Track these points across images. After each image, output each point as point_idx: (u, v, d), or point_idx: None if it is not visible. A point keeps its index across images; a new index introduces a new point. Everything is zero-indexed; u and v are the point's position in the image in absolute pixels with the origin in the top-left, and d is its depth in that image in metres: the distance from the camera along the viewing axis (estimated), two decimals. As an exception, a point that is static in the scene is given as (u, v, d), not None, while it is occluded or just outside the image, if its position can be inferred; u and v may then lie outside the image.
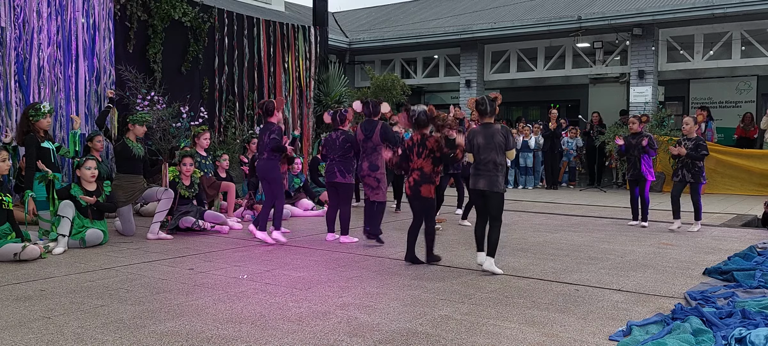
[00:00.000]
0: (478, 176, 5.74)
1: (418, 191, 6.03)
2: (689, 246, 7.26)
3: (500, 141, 5.66)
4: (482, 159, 5.71)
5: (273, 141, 7.18)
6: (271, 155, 7.28)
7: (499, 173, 5.69)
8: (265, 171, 7.33)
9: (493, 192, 5.68)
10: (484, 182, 5.69)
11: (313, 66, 15.50)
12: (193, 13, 12.40)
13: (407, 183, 6.18)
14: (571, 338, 3.90)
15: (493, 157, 5.66)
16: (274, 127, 7.27)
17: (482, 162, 5.71)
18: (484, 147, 5.69)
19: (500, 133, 5.69)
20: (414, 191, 6.06)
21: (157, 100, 9.56)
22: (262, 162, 7.34)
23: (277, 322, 4.14)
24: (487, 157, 5.68)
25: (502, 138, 5.67)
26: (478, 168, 5.74)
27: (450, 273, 5.74)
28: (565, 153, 15.84)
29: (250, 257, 6.43)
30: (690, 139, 8.37)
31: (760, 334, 3.65)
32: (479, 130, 5.80)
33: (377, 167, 7.29)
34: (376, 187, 7.32)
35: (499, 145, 5.66)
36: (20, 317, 4.20)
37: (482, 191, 5.73)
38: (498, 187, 5.67)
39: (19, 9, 9.76)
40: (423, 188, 6.01)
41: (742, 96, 17.48)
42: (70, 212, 6.73)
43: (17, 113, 9.48)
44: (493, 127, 5.74)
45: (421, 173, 6.01)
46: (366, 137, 7.33)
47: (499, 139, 5.66)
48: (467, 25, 17.50)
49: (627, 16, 15.06)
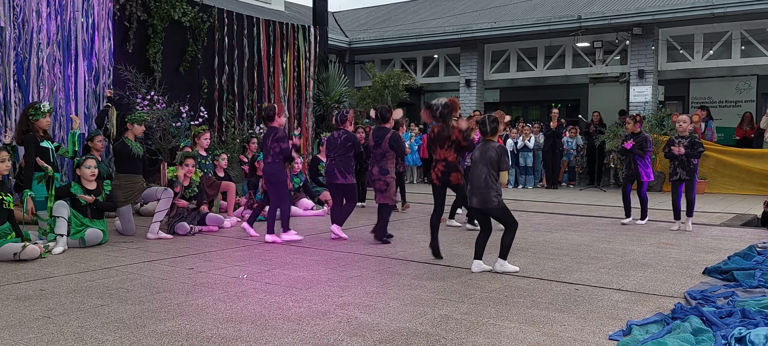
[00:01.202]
0: (472, 193, 5.84)
1: (448, 180, 6.36)
2: (689, 246, 7.26)
3: (492, 157, 5.67)
4: (474, 173, 5.78)
5: (284, 151, 7.30)
6: (277, 158, 7.35)
7: (490, 188, 5.68)
8: (271, 174, 7.39)
9: (487, 209, 5.75)
10: (477, 199, 5.78)
11: (312, 66, 15.51)
12: (193, 13, 12.40)
13: (434, 174, 6.44)
14: (571, 338, 3.90)
15: (485, 173, 5.69)
16: (279, 133, 7.34)
17: (474, 177, 5.77)
18: (478, 160, 5.76)
19: (495, 149, 5.71)
20: (443, 180, 6.36)
21: (157, 99, 9.58)
22: (268, 165, 7.41)
23: (277, 322, 4.14)
24: (479, 172, 5.73)
25: (496, 155, 5.68)
26: (472, 184, 5.82)
27: (450, 273, 5.74)
28: (565, 153, 15.84)
29: (250, 257, 6.43)
30: (684, 137, 8.37)
31: (760, 333, 3.65)
32: (478, 146, 5.91)
33: (387, 171, 7.39)
34: (385, 190, 7.40)
35: (491, 160, 5.67)
36: (20, 317, 4.20)
37: (476, 208, 5.86)
38: (490, 203, 5.70)
39: (18, 9, 9.75)
40: (453, 176, 6.36)
41: (741, 96, 17.47)
42: (64, 212, 6.72)
43: (16, 113, 9.48)
44: (490, 143, 5.80)
45: (446, 163, 6.32)
46: (376, 144, 7.43)
47: (491, 154, 5.68)
48: (467, 24, 17.50)
49: (627, 16, 15.06)
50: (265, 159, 7.50)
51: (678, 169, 8.35)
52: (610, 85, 18.65)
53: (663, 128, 13.83)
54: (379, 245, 7.15)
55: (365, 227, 8.31)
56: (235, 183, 10.33)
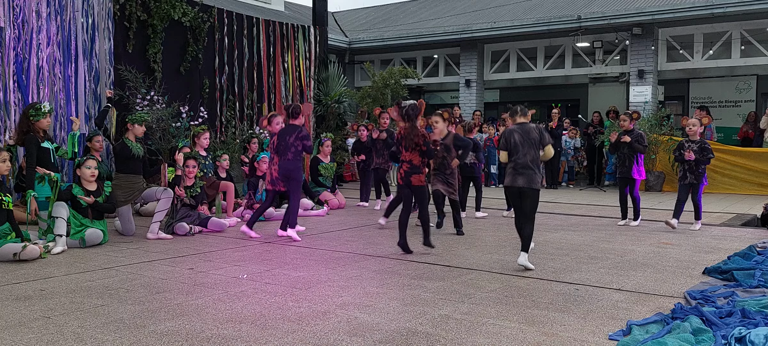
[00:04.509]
0: (517, 174, 5.95)
1: (409, 181, 6.51)
2: (689, 245, 7.26)
3: (535, 137, 5.94)
4: (519, 156, 5.92)
5: (307, 149, 7.53)
6: (298, 156, 7.48)
7: (536, 170, 5.93)
8: (291, 171, 7.51)
9: (531, 189, 5.91)
10: (523, 179, 5.92)
11: (312, 66, 15.50)
12: (193, 13, 12.39)
13: (399, 174, 6.67)
14: (571, 338, 3.90)
15: (531, 154, 5.89)
16: (303, 132, 7.51)
17: (520, 160, 5.93)
18: (521, 144, 5.91)
19: (535, 129, 6.00)
20: (405, 180, 6.52)
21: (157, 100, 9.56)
22: (288, 162, 7.49)
23: (276, 322, 4.14)
24: (524, 153, 5.90)
25: (538, 134, 5.98)
26: (517, 166, 5.95)
27: (450, 273, 5.74)
28: (564, 152, 15.83)
29: (250, 257, 6.43)
30: (694, 142, 8.39)
31: (759, 333, 3.65)
32: (515, 129, 6.03)
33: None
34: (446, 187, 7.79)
35: (535, 141, 5.92)
36: (20, 317, 4.20)
37: (520, 188, 5.93)
38: (536, 184, 5.92)
39: (18, 9, 9.75)
40: (413, 178, 6.48)
41: (741, 95, 17.47)
42: (63, 213, 6.72)
43: (16, 114, 9.48)
44: (528, 125, 6.00)
45: (411, 165, 6.49)
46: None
47: (534, 135, 5.94)
48: (467, 24, 17.49)
49: (626, 16, 15.05)
50: (283, 156, 7.51)
51: (687, 174, 8.41)
52: (610, 85, 18.65)
53: (662, 128, 13.82)
54: (379, 245, 7.14)
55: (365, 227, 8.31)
56: (235, 183, 10.33)
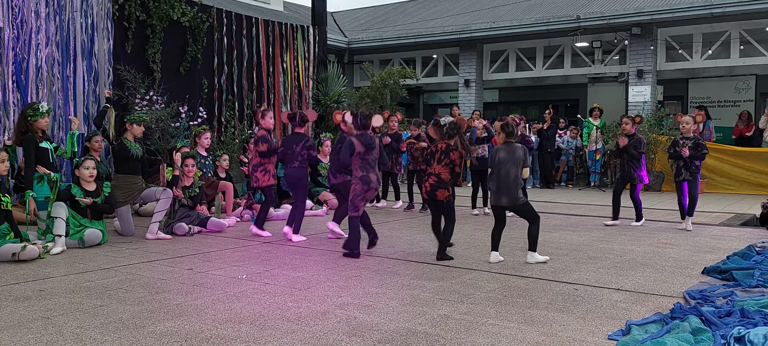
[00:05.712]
0: (500, 193, 6.24)
1: (434, 195, 6.48)
2: (688, 245, 7.26)
3: (520, 156, 6.25)
4: (502, 174, 6.21)
5: (312, 159, 7.65)
6: (304, 164, 7.57)
7: (518, 186, 6.23)
8: (298, 179, 7.60)
9: (515, 205, 6.24)
10: (506, 199, 6.23)
11: (311, 66, 15.50)
12: (192, 13, 12.39)
13: (424, 187, 6.57)
14: (571, 338, 3.90)
15: (514, 172, 6.18)
16: (310, 142, 7.62)
17: (502, 176, 6.21)
18: (505, 161, 6.20)
19: (521, 150, 6.31)
20: (430, 194, 6.50)
21: (156, 100, 9.56)
22: (294, 169, 7.56)
23: (276, 322, 4.14)
24: (506, 172, 6.19)
25: (523, 154, 6.28)
26: (499, 184, 6.23)
27: (449, 273, 5.74)
28: (564, 152, 15.83)
29: (250, 257, 6.43)
30: (688, 138, 8.40)
31: (759, 333, 3.65)
32: (502, 147, 6.34)
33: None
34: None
35: (519, 160, 6.23)
36: (19, 317, 4.20)
37: (504, 207, 6.29)
38: (519, 200, 6.23)
39: (17, 9, 9.74)
40: (439, 192, 6.43)
41: (740, 95, 17.48)
42: (62, 213, 6.71)
43: (15, 114, 9.47)
44: (515, 145, 6.33)
45: (438, 179, 6.43)
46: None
47: (519, 154, 6.26)
48: (466, 24, 17.49)
49: (625, 16, 15.05)
50: (289, 164, 7.58)
51: (682, 170, 8.46)
52: (609, 85, 18.65)
53: (662, 128, 13.82)
54: (379, 245, 7.13)
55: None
56: (234, 183, 10.33)
